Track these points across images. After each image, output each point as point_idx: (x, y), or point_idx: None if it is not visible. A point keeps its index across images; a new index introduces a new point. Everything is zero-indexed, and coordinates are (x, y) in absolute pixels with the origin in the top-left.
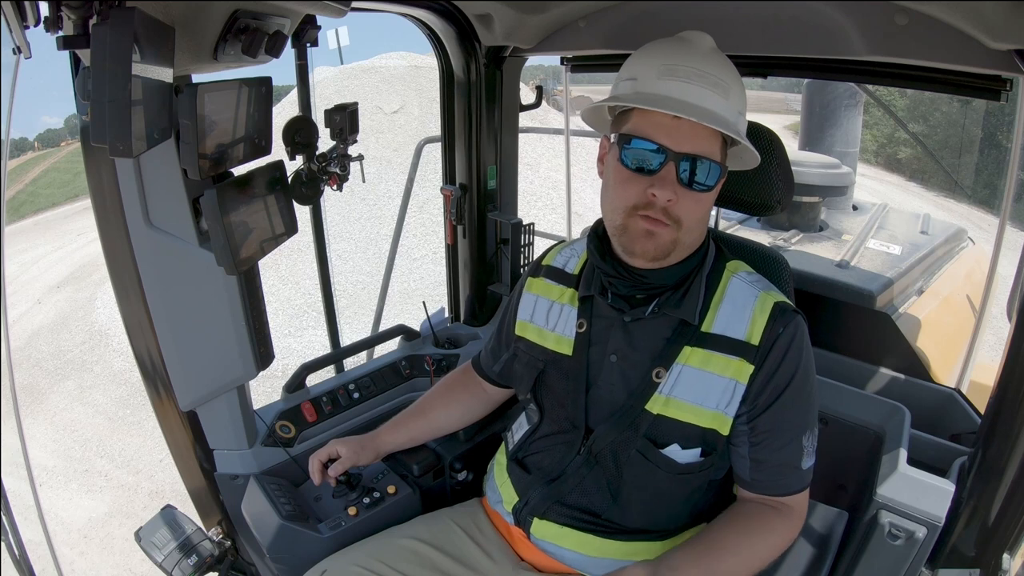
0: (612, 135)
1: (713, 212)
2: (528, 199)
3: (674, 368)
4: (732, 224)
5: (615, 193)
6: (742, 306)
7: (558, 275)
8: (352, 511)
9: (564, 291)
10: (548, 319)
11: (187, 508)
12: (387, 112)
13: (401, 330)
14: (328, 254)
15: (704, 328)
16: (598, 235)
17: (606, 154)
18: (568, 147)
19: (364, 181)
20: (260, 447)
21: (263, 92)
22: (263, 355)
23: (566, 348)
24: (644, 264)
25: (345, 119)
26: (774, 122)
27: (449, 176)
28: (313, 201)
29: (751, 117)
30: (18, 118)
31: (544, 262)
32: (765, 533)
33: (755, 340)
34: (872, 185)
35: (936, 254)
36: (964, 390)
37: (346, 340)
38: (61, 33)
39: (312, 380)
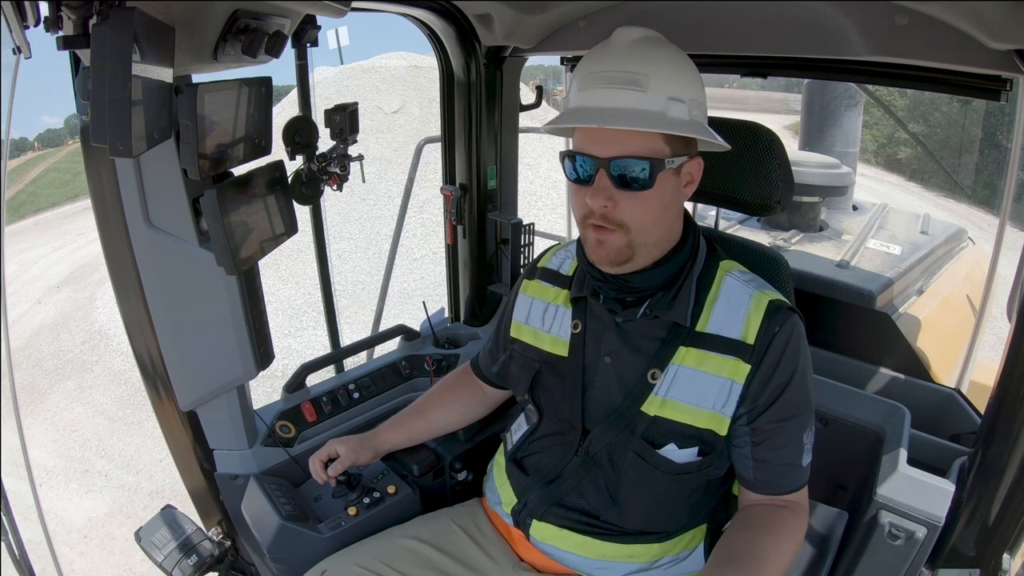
0: None
1: (712, 212)
2: (528, 199)
3: (669, 369)
4: (732, 224)
5: (573, 206)
6: (737, 305)
7: (553, 277)
8: (352, 511)
9: (559, 293)
10: (544, 321)
11: (187, 508)
12: (387, 112)
13: (401, 330)
14: (328, 254)
15: (699, 328)
16: None
17: None
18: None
19: (364, 181)
20: (260, 447)
21: (263, 92)
22: (263, 355)
23: (562, 349)
24: (611, 270)
25: (345, 119)
26: (774, 122)
27: (449, 176)
28: (313, 201)
29: (751, 117)
30: (18, 118)
31: (539, 264)
32: (790, 533)
33: (750, 339)
34: (872, 185)
35: (936, 254)
36: (964, 390)
37: (346, 340)
38: (61, 33)
39: (312, 380)
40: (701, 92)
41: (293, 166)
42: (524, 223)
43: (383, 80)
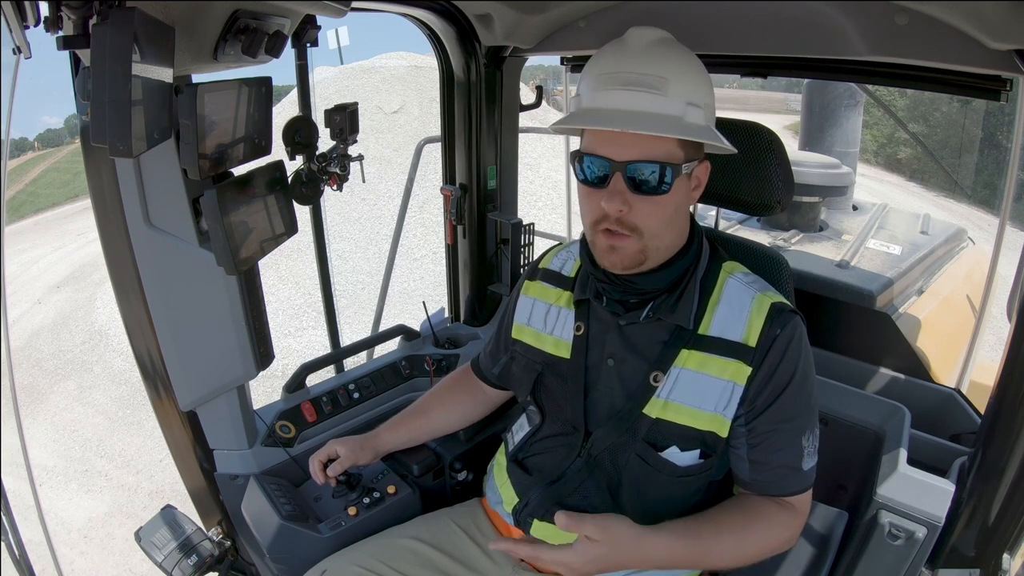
0: None
1: (713, 212)
2: (528, 199)
3: (671, 371)
4: (732, 224)
5: (582, 209)
6: (739, 308)
7: (555, 278)
8: (352, 511)
9: (561, 294)
10: (546, 322)
11: (187, 508)
12: (387, 112)
13: (401, 330)
14: (328, 254)
15: (701, 330)
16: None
17: None
18: (568, 147)
19: (364, 181)
20: (260, 447)
21: (263, 92)
22: (263, 355)
23: (564, 351)
24: (622, 273)
25: (345, 119)
26: (774, 122)
27: (449, 176)
28: (313, 201)
29: (751, 117)
30: (18, 118)
31: (541, 265)
32: (765, 520)
33: (752, 341)
34: (872, 185)
35: (936, 254)
36: (964, 390)
37: (346, 340)
38: (61, 33)
39: (312, 380)
40: (713, 97)
41: (293, 166)
42: (524, 223)
43: (383, 80)
